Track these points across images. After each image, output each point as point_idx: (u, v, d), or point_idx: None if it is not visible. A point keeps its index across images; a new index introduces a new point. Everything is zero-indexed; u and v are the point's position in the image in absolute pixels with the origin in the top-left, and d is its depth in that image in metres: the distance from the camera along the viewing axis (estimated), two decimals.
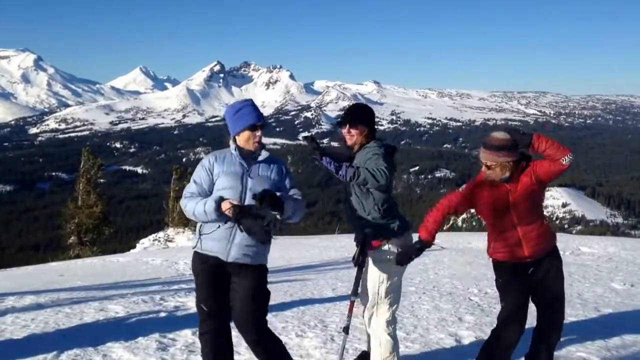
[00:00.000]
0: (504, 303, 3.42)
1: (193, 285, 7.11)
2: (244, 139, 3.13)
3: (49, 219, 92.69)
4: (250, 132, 3.10)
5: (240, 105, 3.15)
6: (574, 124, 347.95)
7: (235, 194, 3.02)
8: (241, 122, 3.10)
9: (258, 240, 2.94)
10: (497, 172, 3.23)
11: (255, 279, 3.07)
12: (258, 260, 3.09)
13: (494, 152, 3.20)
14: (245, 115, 3.10)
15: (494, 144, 3.20)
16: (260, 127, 3.11)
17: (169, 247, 18.70)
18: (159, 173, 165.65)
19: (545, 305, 3.39)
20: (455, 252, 10.92)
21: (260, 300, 3.10)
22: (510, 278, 3.38)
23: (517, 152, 3.21)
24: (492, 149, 3.21)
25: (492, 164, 3.22)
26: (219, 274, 3.09)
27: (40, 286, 7.81)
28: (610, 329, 4.86)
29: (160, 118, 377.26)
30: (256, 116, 3.10)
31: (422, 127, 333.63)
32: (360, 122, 3.42)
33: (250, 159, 3.13)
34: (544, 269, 3.38)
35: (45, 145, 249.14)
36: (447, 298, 6.20)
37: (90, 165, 21.12)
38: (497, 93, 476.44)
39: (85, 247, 20.24)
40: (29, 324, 5.01)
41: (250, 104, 3.18)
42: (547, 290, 3.37)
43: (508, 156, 3.19)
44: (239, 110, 3.12)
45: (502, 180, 3.27)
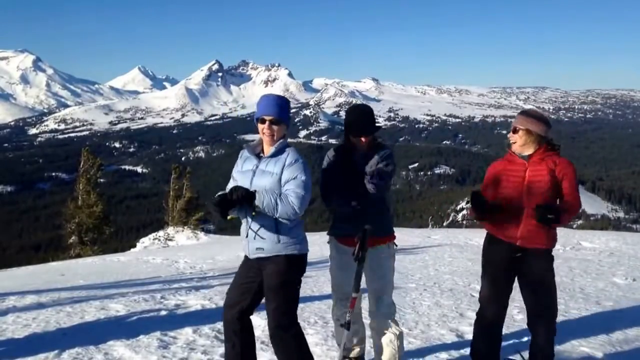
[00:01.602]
0: (484, 280, 3.51)
1: (193, 284, 7.09)
2: (259, 129, 3.16)
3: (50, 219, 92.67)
4: (260, 125, 3.12)
5: (260, 99, 3.18)
6: (573, 118, 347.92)
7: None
8: (256, 115, 3.15)
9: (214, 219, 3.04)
10: (521, 138, 3.29)
11: (274, 272, 3.09)
12: (275, 251, 3.08)
13: (527, 118, 3.32)
14: (259, 107, 3.14)
15: (530, 111, 3.38)
16: (270, 121, 3.06)
17: (169, 245, 18.70)
18: (159, 172, 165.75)
19: (531, 299, 3.38)
20: (455, 249, 10.91)
21: (280, 292, 3.10)
22: (494, 256, 3.44)
23: (548, 132, 3.29)
24: (526, 115, 3.35)
25: (520, 127, 3.29)
26: (252, 269, 3.19)
27: (42, 286, 7.80)
28: (612, 323, 4.86)
29: (159, 117, 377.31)
30: (262, 108, 3.09)
31: (421, 124, 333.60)
32: (372, 130, 3.46)
33: (264, 155, 3.15)
34: (532, 265, 3.34)
35: (45, 145, 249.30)
36: (448, 294, 6.20)
37: (90, 165, 21.09)
38: (496, 89, 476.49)
39: (86, 247, 20.23)
40: (30, 323, 5.01)
41: (266, 97, 3.16)
42: (535, 284, 3.35)
43: (538, 126, 3.27)
44: (258, 103, 3.15)
45: (521, 156, 3.32)
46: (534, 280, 3.35)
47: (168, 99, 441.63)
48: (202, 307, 5.66)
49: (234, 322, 3.17)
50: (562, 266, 8.04)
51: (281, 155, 3.08)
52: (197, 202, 22.12)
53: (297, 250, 3.12)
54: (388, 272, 3.51)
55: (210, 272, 8.73)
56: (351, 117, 3.47)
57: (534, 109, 3.50)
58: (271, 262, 3.09)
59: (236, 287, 3.22)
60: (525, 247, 3.32)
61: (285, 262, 3.09)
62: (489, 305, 3.47)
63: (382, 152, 3.47)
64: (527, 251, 3.33)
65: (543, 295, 3.35)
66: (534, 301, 3.37)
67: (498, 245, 3.42)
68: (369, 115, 3.48)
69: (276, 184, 3.02)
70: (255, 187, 2.99)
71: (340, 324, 3.49)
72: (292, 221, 3.07)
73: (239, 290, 3.19)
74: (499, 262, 3.41)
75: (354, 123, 3.44)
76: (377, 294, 3.50)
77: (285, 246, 3.08)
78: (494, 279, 3.45)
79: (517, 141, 3.33)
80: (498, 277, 3.44)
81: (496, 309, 3.47)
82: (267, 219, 3.03)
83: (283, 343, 3.10)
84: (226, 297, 3.26)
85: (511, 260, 3.37)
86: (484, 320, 3.51)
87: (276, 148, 3.09)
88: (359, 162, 3.46)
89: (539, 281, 3.34)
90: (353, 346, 3.76)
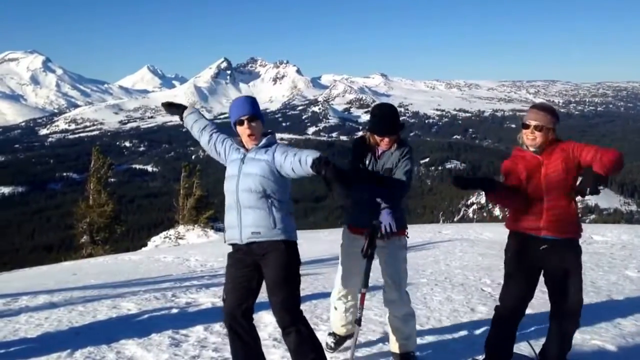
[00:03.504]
0: (508, 276, 3.43)
1: (204, 282, 7.09)
2: (239, 132, 3.22)
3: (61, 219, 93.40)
4: (239, 127, 3.19)
5: (233, 103, 3.23)
6: (584, 112, 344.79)
7: (233, 181, 3.12)
8: (231, 119, 3.22)
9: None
10: (541, 135, 3.24)
11: (278, 263, 3.08)
12: (272, 236, 3.07)
13: (544, 112, 3.26)
14: (231, 112, 3.20)
15: (544, 105, 3.31)
16: (247, 120, 3.12)
17: (180, 244, 18.78)
18: (169, 171, 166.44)
19: (559, 292, 3.33)
20: (466, 243, 10.86)
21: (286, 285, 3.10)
22: (519, 250, 3.36)
23: (557, 124, 3.27)
24: (542, 109, 3.28)
25: (540, 124, 3.23)
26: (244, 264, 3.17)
27: (54, 285, 7.86)
28: (624, 317, 4.82)
29: (169, 116, 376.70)
30: (235, 111, 3.16)
31: (431, 119, 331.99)
32: (396, 131, 3.57)
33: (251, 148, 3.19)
34: (561, 255, 3.30)
35: (56, 146, 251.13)
36: (459, 289, 6.17)
37: (101, 164, 21.21)
38: (506, 83, 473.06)
39: (98, 246, 20.37)
40: (43, 322, 5.04)
41: (237, 100, 3.24)
42: (562, 277, 3.31)
43: (549, 120, 3.24)
44: (231, 108, 3.21)
45: (535, 151, 3.28)
46: (560, 273, 3.30)
47: (177, 98, 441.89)
48: (213, 305, 5.68)
49: (239, 324, 3.16)
50: None
51: (271, 146, 3.15)
52: (207, 200, 22.18)
53: (294, 237, 3.14)
54: (403, 262, 3.70)
55: (220, 270, 8.75)
56: (377, 118, 3.57)
57: (543, 102, 3.44)
58: (270, 251, 3.06)
59: (235, 290, 3.16)
60: (551, 237, 3.27)
61: (286, 248, 3.08)
62: (512, 300, 3.39)
63: (402, 149, 3.60)
64: (554, 242, 3.28)
65: (572, 288, 3.30)
66: (561, 295, 3.31)
67: (521, 239, 3.35)
68: (393, 116, 3.57)
69: (267, 169, 3.05)
70: (245, 174, 3.07)
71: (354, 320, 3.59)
72: (284, 210, 3.11)
73: (239, 292, 3.15)
74: (523, 256, 3.34)
75: (378, 124, 3.55)
76: (394, 284, 3.65)
77: (281, 232, 3.07)
78: (518, 274, 3.37)
79: (536, 139, 3.27)
80: (522, 271, 3.36)
81: (519, 304, 3.40)
82: (260, 208, 3.05)
83: (298, 336, 3.09)
84: (226, 301, 3.20)
85: (536, 254, 3.31)
86: (504, 315, 3.44)
87: (267, 140, 3.17)
88: (379, 157, 3.62)
89: (566, 274, 3.29)
90: (342, 326, 3.98)
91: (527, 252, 3.33)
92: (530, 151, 3.32)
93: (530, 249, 3.32)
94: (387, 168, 3.58)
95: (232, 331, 3.20)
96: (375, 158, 3.63)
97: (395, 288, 3.66)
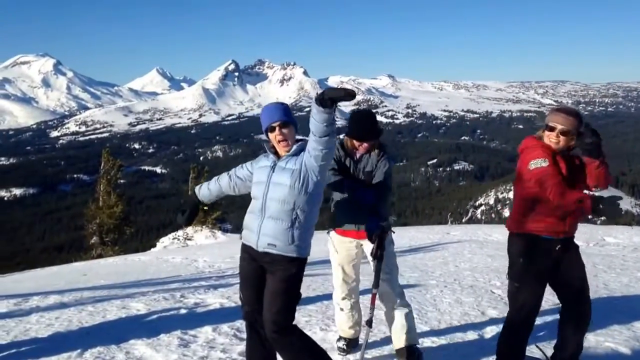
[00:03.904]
0: (520, 282, 3.26)
1: (212, 282, 7.09)
2: (271, 139, 3.18)
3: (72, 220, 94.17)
4: (270, 134, 3.14)
5: (263, 109, 3.22)
6: (594, 112, 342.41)
7: (261, 188, 3.11)
8: (263, 124, 3.17)
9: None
10: (565, 140, 3.15)
11: (282, 276, 3.05)
12: (286, 252, 3.02)
13: (572, 117, 3.14)
14: (263, 117, 3.17)
15: (572, 110, 3.19)
16: (280, 127, 3.09)
17: (188, 245, 18.83)
18: (178, 172, 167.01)
19: (571, 294, 3.28)
20: (475, 245, 10.80)
21: (284, 295, 3.04)
22: (532, 254, 3.23)
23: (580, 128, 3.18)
24: (570, 114, 3.15)
25: (567, 128, 3.12)
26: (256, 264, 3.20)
27: (64, 286, 7.90)
28: (638, 319, 4.76)
29: (177, 118, 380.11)
30: (268, 117, 3.12)
31: (439, 120, 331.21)
32: (375, 137, 3.65)
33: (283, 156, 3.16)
34: (570, 255, 3.27)
35: (66, 147, 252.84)
36: (468, 291, 6.13)
37: (110, 166, 21.31)
38: (514, 83, 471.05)
39: (107, 247, 20.46)
40: (53, 322, 5.07)
41: (268, 106, 3.21)
42: (573, 278, 3.27)
43: (578, 127, 3.14)
44: (262, 113, 3.20)
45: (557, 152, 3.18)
46: (571, 273, 3.27)
47: (185, 100, 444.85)
48: (221, 306, 5.68)
49: (260, 322, 3.15)
50: (586, 262, 7.87)
51: (301, 154, 3.09)
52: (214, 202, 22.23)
53: (307, 254, 3.12)
54: (392, 257, 3.76)
55: (229, 271, 8.76)
56: (356, 124, 3.64)
57: (568, 106, 3.43)
58: (280, 262, 3.03)
59: (251, 286, 3.18)
60: (563, 238, 3.22)
61: (296, 265, 3.05)
62: (526, 307, 3.27)
63: (377, 150, 3.70)
64: (565, 242, 3.23)
65: (583, 288, 3.26)
66: (573, 296, 3.26)
67: (533, 242, 3.23)
68: (372, 121, 3.64)
69: (298, 180, 3.02)
70: (274, 183, 3.04)
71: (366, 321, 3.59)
72: (307, 225, 3.07)
73: (255, 288, 3.17)
74: (537, 260, 3.22)
75: (357, 129, 3.62)
76: (387, 278, 3.70)
77: (296, 249, 3.04)
78: (531, 279, 3.25)
79: (552, 139, 3.17)
80: (536, 276, 3.25)
81: (532, 310, 3.30)
82: (284, 220, 3.02)
83: (287, 346, 3.05)
84: (244, 299, 3.22)
85: (550, 255, 3.24)
86: (517, 322, 3.33)
87: (298, 147, 3.12)
88: (358, 160, 3.70)
89: (576, 274, 3.27)
90: (349, 328, 4.00)
91: (540, 255, 3.23)
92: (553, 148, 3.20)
93: (544, 252, 3.23)
94: (367, 171, 3.65)
95: (253, 330, 3.21)
96: (353, 161, 3.68)
97: (387, 282, 3.69)
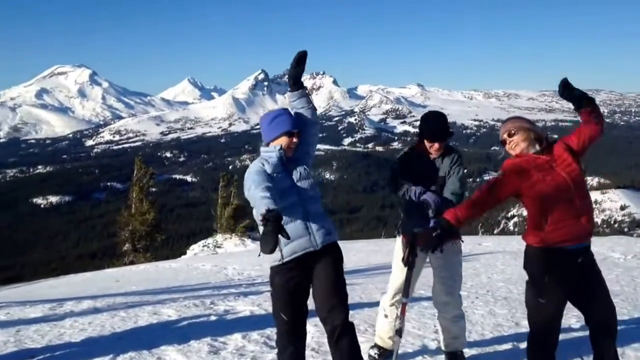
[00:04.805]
0: (542, 298, 3.10)
1: (242, 290, 7.10)
2: (284, 143, 3.23)
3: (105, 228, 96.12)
4: (287, 138, 3.21)
5: (277, 114, 3.29)
6: (630, 122, 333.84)
7: (293, 192, 3.15)
8: (278, 129, 3.22)
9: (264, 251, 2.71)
10: (520, 137, 3.12)
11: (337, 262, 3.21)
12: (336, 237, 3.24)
13: (512, 120, 3.24)
14: (282, 122, 3.23)
15: (512, 117, 3.31)
16: (297, 135, 3.22)
17: (218, 252, 19.00)
18: (207, 181, 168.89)
19: (596, 305, 3.10)
20: (509, 256, 10.58)
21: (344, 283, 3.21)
22: (553, 269, 3.06)
23: (536, 127, 3.18)
24: (510, 119, 3.26)
25: (513, 129, 3.14)
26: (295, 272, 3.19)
27: (97, 291, 8.05)
28: None
29: (208, 127, 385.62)
30: (291, 123, 3.22)
31: (469, 130, 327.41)
32: (446, 137, 3.65)
33: (289, 161, 3.26)
34: (590, 263, 3.11)
35: (101, 156, 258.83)
36: (502, 302, 6.00)
37: (143, 174, 21.72)
38: (547, 92, 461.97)
39: (139, 254, 20.79)
40: (87, 327, 5.15)
41: (286, 112, 3.30)
42: (595, 289, 3.10)
43: (525, 123, 3.18)
44: (276, 118, 3.25)
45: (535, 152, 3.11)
46: (594, 281, 3.11)
47: (216, 109, 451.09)
48: (251, 313, 5.69)
49: (300, 339, 3.18)
50: (624, 275, 7.64)
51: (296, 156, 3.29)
52: (244, 210, 22.41)
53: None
54: (458, 267, 3.75)
55: (258, 279, 8.78)
56: (427, 123, 3.65)
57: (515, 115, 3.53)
58: (332, 250, 3.18)
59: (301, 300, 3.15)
60: (583, 245, 3.07)
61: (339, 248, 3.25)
62: (548, 324, 3.13)
63: (451, 155, 3.70)
64: (586, 249, 3.09)
65: (606, 297, 3.10)
66: (600, 307, 3.10)
67: (553, 255, 3.05)
68: (443, 122, 3.66)
69: (311, 175, 3.24)
70: (300, 181, 3.18)
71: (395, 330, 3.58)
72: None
73: (304, 302, 3.17)
74: (559, 275, 3.06)
75: (429, 129, 3.61)
76: (447, 287, 3.69)
77: (335, 234, 3.25)
78: (553, 296, 3.07)
79: (518, 142, 3.12)
80: (558, 292, 3.08)
81: (555, 326, 3.16)
82: (320, 208, 3.20)
83: (352, 337, 3.13)
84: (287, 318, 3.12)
85: (572, 267, 3.07)
86: (540, 339, 3.18)
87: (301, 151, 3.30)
88: (430, 165, 3.67)
89: (599, 281, 3.11)
90: (388, 338, 3.91)
91: (561, 268, 3.07)
92: (530, 153, 3.12)
93: (566, 265, 3.07)
94: (440, 175, 3.65)
95: (294, 347, 3.16)
96: (425, 166, 3.66)
97: (446, 292, 3.70)
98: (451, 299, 3.72)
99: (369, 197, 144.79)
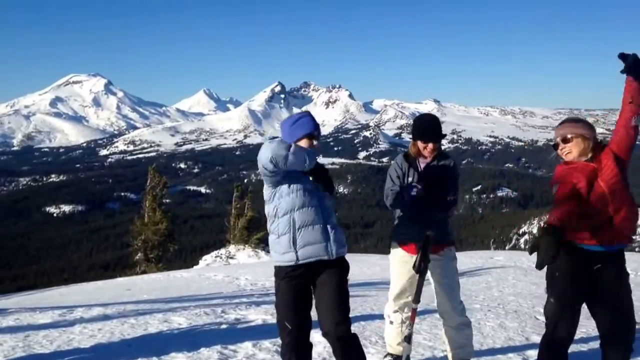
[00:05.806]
0: (554, 298, 3.07)
1: (254, 299, 7.09)
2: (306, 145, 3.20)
3: (118, 238, 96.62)
4: (308, 140, 3.19)
5: (299, 116, 3.28)
6: None
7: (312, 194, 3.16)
8: (300, 130, 3.19)
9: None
10: (575, 146, 3.05)
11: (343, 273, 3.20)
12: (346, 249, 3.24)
13: (572, 124, 3.12)
14: (305, 124, 3.21)
15: (571, 118, 3.19)
16: (317, 137, 3.21)
17: (230, 263, 19.02)
18: (222, 192, 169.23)
19: (609, 319, 3.03)
20: (519, 271, 10.50)
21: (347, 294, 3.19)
22: (572, 270, 3.02)
23: (594, 133, 3.09)
24: (569, 122, 3.15)
25: (571, 135, 3.06)
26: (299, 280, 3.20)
27: (108, 299, 8.08)
28: None
29: (223, 139, 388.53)
30: (314, 125, 3.22)
31: (484, 146, 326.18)
32: (439, 138, 3.62)
33: None
34: (611, 274, 3.02)
35: (115, 166, 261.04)
36: (512, 316, 5.94)
37: (156, 183, 21.88)
38: (563, 111, 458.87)
39: (151, 264, 20.88)
40: (96, 334, 5.16)
41: (309, 114, 3.30)
42: (610, 299, 3.02)
43: (585, 129, 3.07)
44: (299, 120, 3.23)
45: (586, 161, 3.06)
46: (611, 290, 3.02)
47: (231, 121, 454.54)
48: (263, 322, 5.68)
49: (306, 349, 3.17)
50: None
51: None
52: (258, 221, 22.46)
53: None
54: (455, 274, 3.75)
55: (271, 289, 8.76)
56: (419, 123, 3.65)
57: (575, 116, 3.32)
58: (341, 262, 3.18)
59: (299, 312, 3.12)
60: (605, 248, 2.99)
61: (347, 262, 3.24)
62: (565, 327, 3.06)
63: (446, 160, 3.66)
64: (609, 254, 3.01)
65: (620, 309, 3.02)
66: (613, 319, 3.01)
67: (575, 255, 3.02)
68: (436, 123, 3.64)
69: None
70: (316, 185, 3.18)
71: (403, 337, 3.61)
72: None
73: (308, 309, 3.17)
74: (578, 275, 3.03)
75: (421, 129, 3.60)
76: (449, 294, 3.67)
77: (346, 247, 3.23)
78: (571, 298, 3.05)
79: (572, 150, 3.07)
80: (575, 293, 3.05)
81: (571, 330, 3.09)
82: (334, 217, 3.19)
83: (357, 345, 3.13)
84: (292, 327, 3.09)
85: (591, 268, 3.02)
86: (555, 343, 3.11)
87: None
88: (424, 169, 3.63)
89: (618, 291, 3.02)
90: (397, 344, 3.89)
91: (575, 267, 3.03)
92: (581, 161, 3.08)
93: (581, 265, 3.03)
94: (433, 177, 3.59)
95: (290, 352, 3.14)
96: (418, 171, 3.64)
97: (450, 299, 3.68)
98: (453, 306, 3.70)
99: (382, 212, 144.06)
